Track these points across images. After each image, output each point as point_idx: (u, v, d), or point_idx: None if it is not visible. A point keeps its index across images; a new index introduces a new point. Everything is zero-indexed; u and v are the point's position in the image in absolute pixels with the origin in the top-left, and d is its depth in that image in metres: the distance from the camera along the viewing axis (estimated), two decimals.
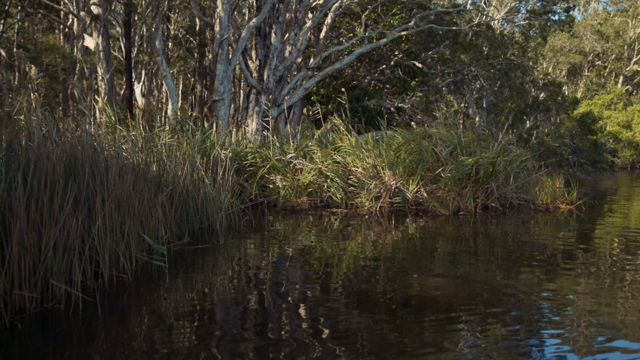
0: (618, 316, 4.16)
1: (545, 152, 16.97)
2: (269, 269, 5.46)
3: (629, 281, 5.19)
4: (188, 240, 6.53)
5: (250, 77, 15.47)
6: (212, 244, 6.51)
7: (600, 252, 6.67)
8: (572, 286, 4.99)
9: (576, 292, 4.79)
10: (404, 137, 11.47)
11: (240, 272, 5.32)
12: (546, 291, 4.79)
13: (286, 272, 5.37)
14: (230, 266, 5.63)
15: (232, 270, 5.45)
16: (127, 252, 4.97)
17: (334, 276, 5.21)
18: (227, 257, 6.01)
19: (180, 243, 6.33)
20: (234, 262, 5.84)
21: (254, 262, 5.80)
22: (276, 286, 4.85)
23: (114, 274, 4.75)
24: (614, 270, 5.63)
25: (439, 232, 8.09)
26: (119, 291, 4.47)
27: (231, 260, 5.89)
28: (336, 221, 8.96)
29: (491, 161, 10.20)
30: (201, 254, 6.06)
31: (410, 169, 10.59)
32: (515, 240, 7.47)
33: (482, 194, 10.29)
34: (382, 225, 8.57)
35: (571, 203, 11.05)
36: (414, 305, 4.29)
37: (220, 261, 5.85)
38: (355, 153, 10.72)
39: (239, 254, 6.21)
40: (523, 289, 4.83)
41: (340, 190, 10.38)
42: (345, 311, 4.11)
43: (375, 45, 16.54)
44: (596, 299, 4.57)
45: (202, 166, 8.00)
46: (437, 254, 6.40)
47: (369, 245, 6.85)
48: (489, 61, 19.36)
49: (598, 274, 5.51)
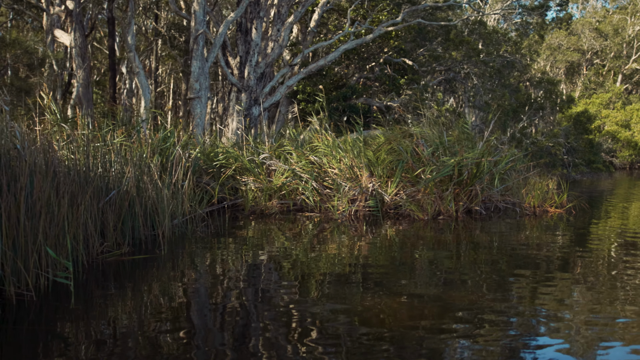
0: (614, 335, 3.54)
1: (538, 152, 16.33)
2: (210, 286, 4.84)
3: (621, 298, 4.56)
4: (128, 249, 5.91)
5: (229, 74, 14.85)
6: (155, 253, 5.89)
7: (588, 262, 6.04)
8: (558, 307, 4.36)
9: (563, 310, 4.16)
10: (385, 136, 10.86)
11: (170, 291, 4.69)
12: (527, 313, 4.17)
13: (229, 289, 4.75)
14: (163, 282, 5.00)
15: (163, 287, 4.82)
16: (37, 267, 4.35)
17: (285, 298, 4.59)
18: (164, 270, 5.38)
19: (118, 253, 5.71)
20: (169, 276, 5.21)
21: (193, 277, 5.17)
22: (210, 309, 4.22)
23: (12, 292, 4.12)
24: (603, 283, 5.00)
25: (414, 239, 7.46)
26: (17, 312, 3.85)
27: (167, 274, 5.26)
28: (306, 227, 8.34)
29: (475, 162, 9.56)
30: (136, 265, 5.44)
31: (390, 170, 9.97)
32: (493, 249, 6.84)
33: (465, 197, 9.66)
34: (354, 232, 7.95)
35: (561, 206, 10.41)
36: (373, 336, 3.66)
37: (152, 275, 5.22)
38: (331, 153, 10.10)
39: (180, 266, 5.58)
40: (500, 307, 4.20)
41: (314, 193, 9.75)
42: (295, 342, 3.49)
43: (361, 41, 15.91)
44: (585, 316, 3.94)
45: (157, 168, 7.38)
46: (407, 267, 5.77)
47: (331, 257, 6.23)
48: (482, 58, 18.73)
49: (585, 287, 4.88)
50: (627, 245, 7.14)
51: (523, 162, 13.83)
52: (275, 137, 11.87)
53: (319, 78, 18.98)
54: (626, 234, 8.05)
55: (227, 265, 5.68)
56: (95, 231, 5.68)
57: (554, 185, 11.48)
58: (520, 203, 10.00)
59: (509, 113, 16.66)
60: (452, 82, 19.97)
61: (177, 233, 7.02)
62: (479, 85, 18.82)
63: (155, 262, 5.59)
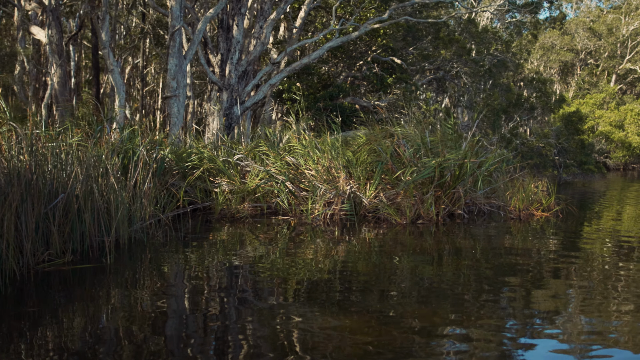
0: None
1: (528, 153, 15.92)
2: (147, 301, 4.39)
3: (611, 309, 4.14)
4: (72, 258, 5.45)
5: (209, 72, 14.40)
6: (101, 262, 5.43)
7: (574, 269, 5.61)
8: (547, 319, 3.93)
9: (552, 323, 3.73)
10: (366, 136, 10.44)
11: (100, 309, 4.25)
12: (513, 328, 3.73)
13: (170, 305, 4.30)
14: (95, 296, 4.55)
15: (94, 302, 4.37)
16: None
17: (238, 312, 4.14)
18: (102, 282, 4.93)
19: (59, 262, 5.26)
20: (106, 288, 4.76)
21: (133, 291, 4.72)
22: (142, 329, 3.77)
23: None
24: (590, 292, 4.58)
25: (390, 246, 7.02)
26: None
27: (105, 286, 4.81)
28: (277, 232, 7.89)
29: (458, 163, 9.13)
30: (75, 276, 4.99)
31: (370, 172, 9.54)
32: (472, 257, 6.41)
33: (447, 200, 9.22)
34: (327, 238, 7.51)
35: (548, 209, 9.99)
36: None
37: (87, 287, 4.77)
38: (308, 154, 9.67)
39: (123, 277, 5.12)
40: (483, 321, 3.77)
41: (290, 196, 9.31)
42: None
43: (346, 38, 15.47)
44: (574, 330, 3.52)
45: (116, 169, 6.92)
46: (378, 277, 5.33)
47: (298, 267, 5.79)
48: (472, 57, 18.32)
49: (570, 298, 4.45)
50: (615, 251, 6.72)
51: (512, 162, 13.43)
52: (252, 136, 11.43)
53: (306, 77, 18.54)
54: (615, 239, 7.63)
55: (178, 275, 5.23)
56: (37, 238, 5.23)
57: (542, 187, 11.08)
58: (505, 206, 9.57)
59: (498, 113, 16.24)
60: (442, 82, 19.56)
61: (133, 240, 6.56)
62: (468, 84, 18.42)
63: (97, 272, 5.14)
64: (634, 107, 30.91)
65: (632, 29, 33.90)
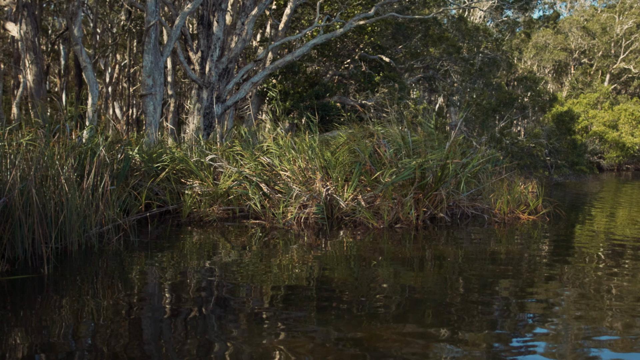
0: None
1: (518, 153, 15.50)
2: (83, 316, 3.93)
3: (599, 323, 3.70)
4: (7, 268, 4.98)
5: (189, 70, 13.93)
6: (40, 272, 4.97)
7: (558, 279, 5.18)
8: (534, 331, 3.50)
9: (540, 336, 3.29)
10: (347, 136, 10.00)
11: (29, 326, 3.79)
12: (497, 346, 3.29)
13: (109, 322, 3.84)
14: (21, 313, 4.09)
15: (19, 319, 3.92)
16: None
17: (186, 329, 3.69)
18: (32, 296, 4.47)
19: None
20: (28, 303, 4.30)
21: (67, 306, 4.26)
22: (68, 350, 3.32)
23: None
24: (574, 303, 4.15)
25: (364, 251, 6.58)
26: None
27: (28, 301, 4.35)
28: (246, 237, 7.44)
29: (440, 164, 8.70)
30: (4, 288, 4.53)
31: (349, 173, 9.10)
32: (447, 265, 5.97)
33: (429, 203, 8.79)
34: (298, 243, 7.06)
35: (536, 212, 9.57)
36: None
37: (14, 302, 4.31)
38: (283, 154, 9.22)
39: (60, 290, 4.66)
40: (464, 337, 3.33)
41: (264, 198, 8.85)
42: None
43: (331, 35, 15.03)
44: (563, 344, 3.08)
45: (71, 171, 6.46)
46: (347, 288, 4.89)
47: (260, 277, 5.34)
48: (461, 55, 17.90)
49: (555, 310, 4.01)
50: (603, 256, 6.29)
51: (501, 163, 13.03)
52: (226, 136, 10.98)
53: (292, 76, 18.09)
54: (603, 243, 7.21)
55: (120, 287, 4.78)
56: None
57: (532, 189, 10.67)
58: (490, 209, 9.14)
59: (488, 112, 15.82)
60: (431, 81, 19.13)
61: (84, 247, 6.10)
62: (458, 83, 18.00)
63: (32, 284, 4.68)
64: (628, 107, 30.57)
65: (626, 28, 33.56)
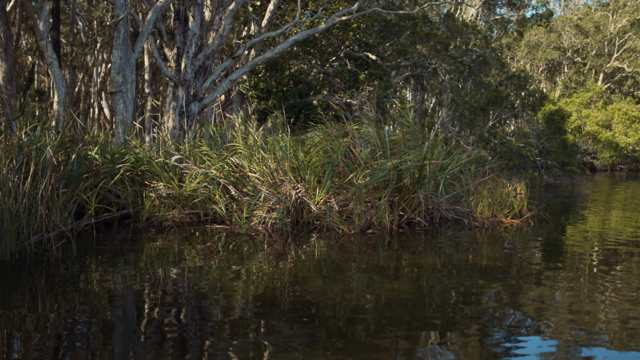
0: None
1: (507, 154, 15.00)
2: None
3: (571, 335, 3.18)
4: None
5: (163, 67, 13.38)
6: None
7: (538, 291, 4.65)
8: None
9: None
10: (322, 135, 9.49)
11: None
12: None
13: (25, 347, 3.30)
14: None
15: None
16: None
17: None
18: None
19: None
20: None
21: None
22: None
23: None
24: (557, 320, 3.62)
25: (330, 259, 6.04)
26: None
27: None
28: (205, 243, 6.89)
29: (418, 165, 8.17)
30: None
31: (323, 174, 8.56)
32: (417, 275, 5.44)
33: (406, 206, 8.26)
34: (261, 250, 6.52)
35: (520, 215, 9.05)
36: None
37: None
38: (251, 155, 8.68)
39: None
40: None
41: (231, 202, 8.31)
42: None
43: (312, 31, 14.49)
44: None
45: (5, 172, 5.91)
46: (308, 300, 4.35)
47: (216, 291, 4.80)
48: (449, 52, 17.39)
49: (537, 326, 3.49)
50: (586, 264, 5.77)
51: (488, 163, 12.53)
52: (198, 136, 10.44)
53: (275, 74, 17.55)
54: (587, 250, 6.69)
55: (48, 302, 4.23)
56: None
57: (520, 190, 10.18)
58: (471, 213, 8.62)
59: (476, 111, 15.31)
60: (418, 79, 18.62)
61: (16, 257, 5.54)
62: (446, 81, 17.49)
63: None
64: (621, 107, 30.14)
65: (619, 27, 33.13)
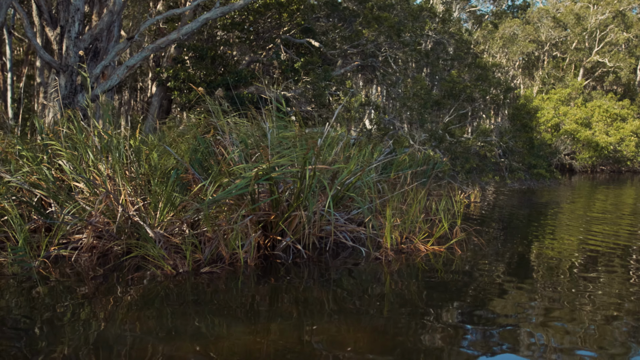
0: None
1: (463, 154, 12.74)
2: None
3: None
4: None
5: (39, 48, 10.98)
6: None
7: None
8: None
9: None
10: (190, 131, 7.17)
11: None
12: None
13: None
14: None
15: None
16: None
17: None
18: None
19: None
20: None
21: None
22: None
23: None
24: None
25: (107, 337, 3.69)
26: None
27: None
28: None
29: (298, 174, 5.85)
30: None
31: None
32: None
33: (288, 229, 5.93)
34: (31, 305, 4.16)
35: (447, 239, 6.76)
36: None
37: None
38: (74, 157, 6.32)
39: None
40: None
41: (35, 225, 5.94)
42: None
43: (228, 9, 12.13)
44: None
45: None
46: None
47: None
48: (401, 38, 15.11)
49: None
50: (495, 328, 3.49)
51: (440, 166, 10.34)
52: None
53: (198, 61, 15.17)
54: (516, 297, 4.40)
55: None
56: None
57: (467, 198, 7.93)
58: (376, 237, 6.30)
59: (426, 104, 13.04)
60: (371, 69, 16.33)
61: None
62: (397, 72, 15.22)
63: None
64: (602, 104, 28.09)
65: (601, 19, 31.09)
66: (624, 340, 3.83)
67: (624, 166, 28.88)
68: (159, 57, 18.18)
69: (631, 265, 6.10)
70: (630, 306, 4.55)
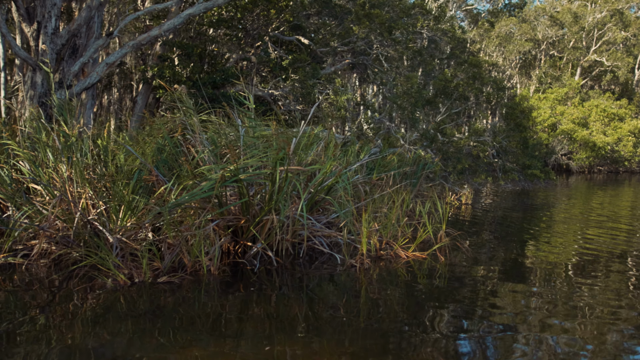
0: None
1: (455, 154, 12.36)
2: None
3: None
4: None
5: (14, 43, 10.58)
6: None
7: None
8: None
9: None
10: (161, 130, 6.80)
11: None
12: None
13: None
14: None
15: None
16: None
17: None
18: None
19: None
20: None
21: None
22: None
23: None
24: None
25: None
26: None
27: None
28: None
29: (268, 176, 5.47)
30: None
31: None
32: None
33: (259, 234, 5.55)
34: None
35: (430, 245, 6.38)
36: None
37: None
38: (31, 156, 5.94)
39: None
40: None
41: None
42: None
43: (211, 4, 11.73)
44: None
45: None
46: None
47: None
48: (392, 36, 14.74)
49: None
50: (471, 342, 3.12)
51: (431, 167, 9.97)
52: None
53: (184, 58, 14.79)
54: (489, 313, 4.02)
55: None
56: None
57: (449, 200, 7.57)
58: (353, 243, 5.92)
59: (417, 103, 12.66)
60: (356, 67, 15.94)
61: None
62: (389, 70, 14.84)
63: None
64: (599, 103, 27.72)
65: (599, 17, 30.73)
66: (618, 354, 3.46)
67: (622, 166, 28.51)
68: (146, 55, 17.79)
69: (629, 273, 5.72)
70: (626, 315, 4.18)
